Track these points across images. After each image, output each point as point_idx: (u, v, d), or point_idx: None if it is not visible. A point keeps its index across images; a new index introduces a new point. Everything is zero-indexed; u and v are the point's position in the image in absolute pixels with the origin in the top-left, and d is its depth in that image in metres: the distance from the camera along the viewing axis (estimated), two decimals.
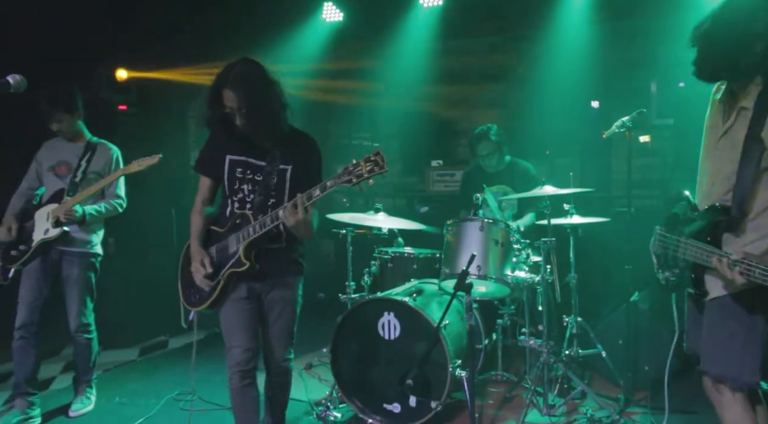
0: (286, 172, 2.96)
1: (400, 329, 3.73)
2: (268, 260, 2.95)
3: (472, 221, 3.97)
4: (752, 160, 2.29)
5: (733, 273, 2.14)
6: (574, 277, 4.23)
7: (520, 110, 6.76)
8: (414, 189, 7.21)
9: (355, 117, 7.63)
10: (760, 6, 2.29)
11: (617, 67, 6.34)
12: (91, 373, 4.23)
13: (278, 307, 3.05)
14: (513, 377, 4.37)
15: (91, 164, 4.10)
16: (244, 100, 2.79)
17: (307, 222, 2.72)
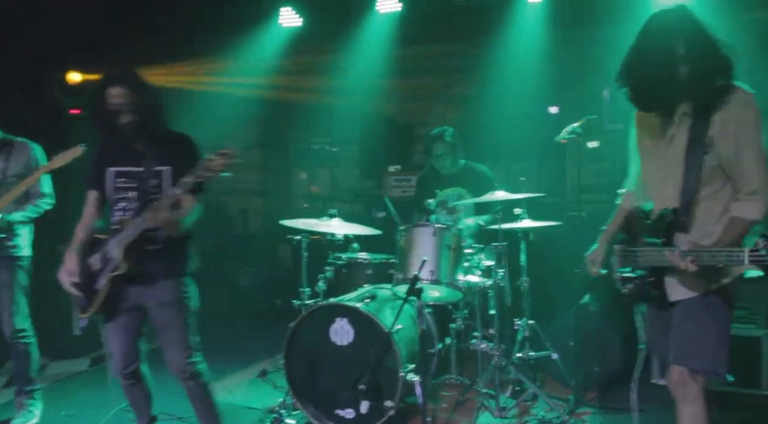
0: (162, 173, 3.03)
1: (353, 335, 3.73)
2: (147, 263, 3.03)
3: (425, 226, 4.00)
4: (696, 163, 2.40)
5: (686, 263, 2.26)
6: (525, 280, 4.29)
7: (477, 115, 6.83)
8: (372, 194, 7.22)
9: (314, 122, 7.62)
10: (675, 29, 2.36)
11: (571, 73, 6.46)
12: (32, 383, 4.06)
13: (163, 311, 3.09)
14: (466, 380, 4.40)
15: (9, 165, 3.93)
16: (133, 95, 2.93)
17: (171, 220, 2.90)
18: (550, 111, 6.79)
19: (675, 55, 2.33)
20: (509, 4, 6.10)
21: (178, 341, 3.13)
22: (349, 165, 7.72)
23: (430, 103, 7.24)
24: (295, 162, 8.19)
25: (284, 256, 7.48)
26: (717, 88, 2.36)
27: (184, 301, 3.15)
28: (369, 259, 4.51)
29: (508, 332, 4.34)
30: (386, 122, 7.21)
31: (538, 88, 6.35)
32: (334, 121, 7.56)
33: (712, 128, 2.36)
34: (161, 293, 3.07)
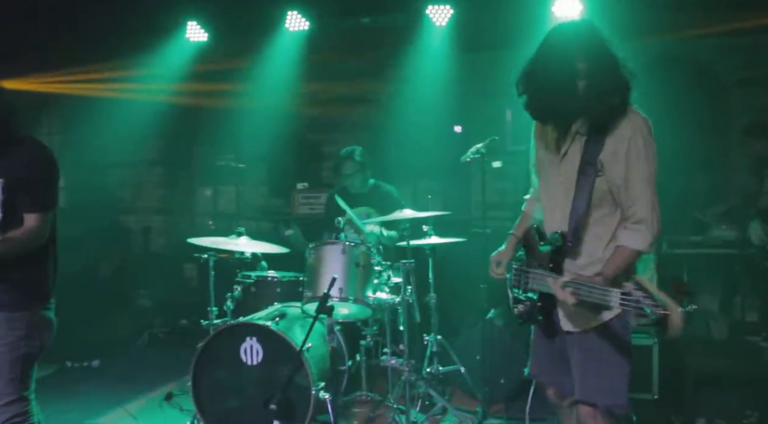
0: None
1: (263, 354, 3.69)
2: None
3: (334, 243, 4.02)
4: (586, 185, 2.34)
5: (565, 294, 2.24)
6: (433, 297, 4.38)
7: (384, 134, 6.92)
8: (280, 212, 7.17)
9: (221, 138, 7.50)
10: (577, 42, 2.29)
11: (475, 95, 6.69)
12: None
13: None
14: (377, 396, 4.43)
15: None
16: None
17: None
18: (455, 130, 6.99)
19: (574, 68, 2.25)
20: (416, 26, 6.24)
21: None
22: (256, 182, 7.65)
23: (337, 121, 7.28)
24: (201, 179, 8.03)
25: (190, 275, 7.29)
26: (612, 108, 2.29)
27: (14, 340, 2.63)
28: (278, 277, 4.48)
29: (417, 347, 4.41)
30: (294, 140, 7.20)
31: (444, 108, 6.54)
32: (241, 138, 7.46)
33: (603, 151, 2.31)
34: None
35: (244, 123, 7.22)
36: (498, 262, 2.75)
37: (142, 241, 7.46)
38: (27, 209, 2.61)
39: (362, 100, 7.19)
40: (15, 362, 2.62)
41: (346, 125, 7.24)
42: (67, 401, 4.61)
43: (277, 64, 6.66)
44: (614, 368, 2.41)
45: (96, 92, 6.97)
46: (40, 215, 2.63)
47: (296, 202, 6.78)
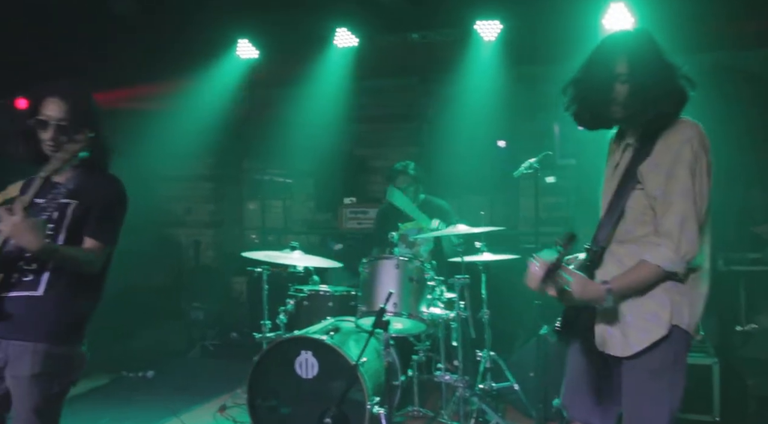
0: (68, 207, 2.47)
1: (318, 368, 3.71)
2: (4, 315, 2.36)
3: (388, 258, 4.03)
4: (623, 197, 2.27)
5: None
6: (486, 312, 4.35)
7: (431, 149, 6.96)
8: (327, 226, 7.22)
9: (270, 154, 7.60)
10: (623, 47, 2.23)
11: (522, 109, 6.66)
12: None
13: (14, 387, 2.37)
14: (429, 412, 4.41)
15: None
16: (72, 111, 2.48)
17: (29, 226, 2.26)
18: (499, 145, 6.97)
19: (614, 73, 2.19)
20: (464, 41, 6.25)
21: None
22: (304, 197, 7.71)
23: (385, 136, 7.33)
24: (249, 193, 8.14)
25: (239, 288, 7.38)
26: (660, 116, 2.20)
27: (49, 379, 2.37)
28: (330, 291, 4.50)
29: (470, 363, 4.38)
30: (341, 155, 7.25)
31: (491, 123, 6.52)
32: (289, 153, 7.56)
33: (646, 162, 2.21)
34: (14, 362, 2.35)
35: (292, 138, 7.30)
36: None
37: (192, 254, 7.58)
38: (88, 234, 2.49)
39: (409, 116, 7.22)
40: (49, 403, 2.40)
41: (393, 140, 7.28)
42: (123, 410, 4.71)
43: (325, 80, 6.73)
44: (658, 400, 2.21)
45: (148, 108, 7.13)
46: (100, 244, 2.50)
47: (344, 217, 6.81)
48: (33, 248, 2.28)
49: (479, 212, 6.76)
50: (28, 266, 2.40)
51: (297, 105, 7.00)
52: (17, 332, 2.35)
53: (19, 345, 2.34)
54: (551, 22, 5.85)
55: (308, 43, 6.59)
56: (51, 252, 2.35)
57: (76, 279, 2.45)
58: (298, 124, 7.11)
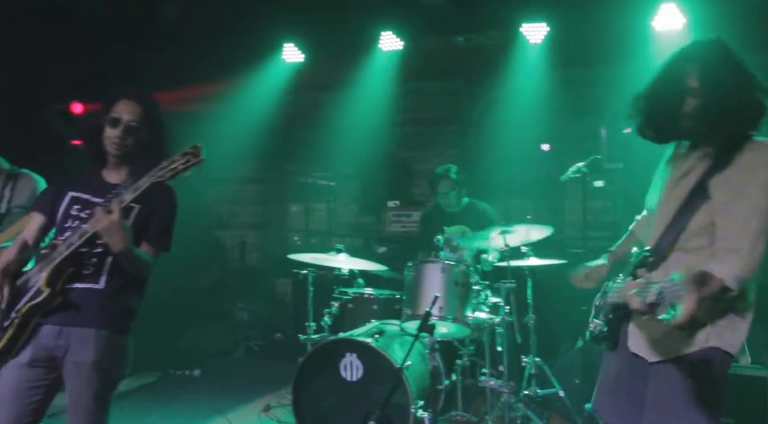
0: (132, 211, 2.54)
1: (363, 370, 3.72)
2: (69, 304, 2.44)
3: (434, 262, 4.02)
4: (691, 208, 2.20)
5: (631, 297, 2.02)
6: (532, 317, 4.31)
7: (475, 152, 6.91)
8: (371, 229, 7.24)
9: (313, 156, 7.66)
10: (696, 59, 2.16)
11: (568, 112, 6.58)
12: None
13: (73, 373, 2.43)
14: (473, 417, 4.38)
15: (14, 196, 3.96)
16: (144, 114, 2.58)
17: (122, 227, 2.34)
18: (543, 149, 6.89)
19: (686, 86, 2.12)
20: (510, 44, 6.21)
21: (78, 417, 2.43)
22: (347, 200, 7.74)
23: (428, 139, 7.32)
24: (293, 196, 8.21)
25: (284, 290, 7.46)
26: (733, 130, 2.13)
27: (108, 367, 2.47)
28: (375, 294, 4.51)
29: (515, 369, 4.34)
30: (385, 158, 7.26)
31: (536, 126, 6.45)
32: (333, 156, 7.61)
33: (717, 176, 2.13)
34: (77, 351, 2.43)
35: (336, 141, 7.36)
36: (588, 274, 2.61)
37: (238, 255, 7.69)
38: (148, 240, 2.58)
39: (453, 119, 7.20)
40: (106, 391, 2.49)
41: (437, 143, 7.27)
42: (170, 407, 4.80)
43: (370, 84, 6.76)
44: (695, 411, 2.11)
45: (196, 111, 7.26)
46: (157, 250, 2.60)
47: (387, 220, 6.82)
48: (119, 248, 2.38)
49: (523, 215, 6.69)
50: (88, 260, 2.49)
51: (341, 108, 7.04)
52: (81, 320, 2.44)
53: (83, 332, 2.43)
54: (599, 23, 5.77)
55: (353, 46, 6.64)
56: (129, 253, 2.43)
57: (129, 277, 2.54)
58: (342, 127, 7.14)
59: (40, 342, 2.43)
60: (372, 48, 6.55)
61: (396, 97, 6.83)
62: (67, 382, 2.45)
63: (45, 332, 2.44)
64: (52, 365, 2.45)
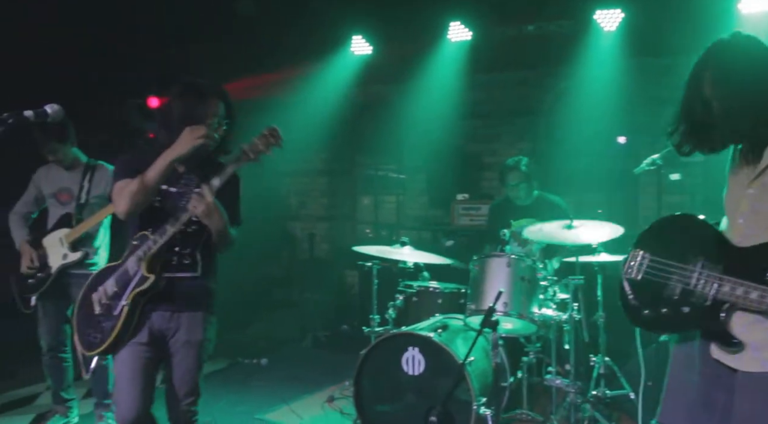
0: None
1: (425, 365, 3.68)
2: (176, 293, 2.72)
3: (499, 256, 3.94)
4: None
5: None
6: (601, 315, 4.16)
7: (545, 145, 6.76)
8: (440, 222, 7.19)
9: (382, 149, 7.66)
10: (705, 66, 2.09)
11: (645, 102, 6.32)
12: (109, 397, 4.19)
13: (183, 349, 2.73)
14: (538, 416, 4.27)
15: (92, 187, 4.14)
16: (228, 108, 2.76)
17: (218, 208, 2.60)
18: (619, 141, 6.66)
19: (704, 95, 2.07)
20: (583, 32, 6.02)
21: (185, 384, 2.74)
22: (416, 193, 7.70)
23: (498, 132, 7.19)
24: (362, 188, 8.25)
25: (351, 282, 7.51)
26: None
27: (206, 343, 2.80)
28: (440, 288, 4.47)
29: (583, 368, 4.21)
30: (454, 150, 7.17)
31: (610, 117, 6.23)
32: (402, 149, 7.60)
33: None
34: (186, 331, 2.74)
35: (405, 134, 7.34)
36: None
37: (307, 247, 7.78)
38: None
39: (523, 110, 7.04)
40: (202, 363, 2.81)
41: (506, 136, 7.14)
42: (239, 395, 4.91)
43: (438, 75, 6.71)
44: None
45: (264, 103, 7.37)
46: (233, 226, 2.80)
47: (456, 213, 6.75)
48: (218, 227, 2.66)
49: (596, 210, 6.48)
50: (184, 250, 2.74)
51: (410, 100, 7.01)
52: (188, 306, 2.75)
53: (191, 315, 2.76)
54: (678, 9, 5.51)
55: (422, 38, 6.59)
56: (226, 231, 2.71)
57: (213, 260, 2.84)
58: (411, 119, 7.12)
59: (154, 325, 2.71)
60: (440, 39, 6.48)
61: (465, 89, 6.74)
62: (176, 358, 2.74)
63: (157, 317, 2.72)
64: (164, 344, 2.74)
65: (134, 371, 2.67)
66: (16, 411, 4.71)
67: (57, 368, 4.19)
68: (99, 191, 4.16)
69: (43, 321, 4.10)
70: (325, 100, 7.07)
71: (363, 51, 6.83)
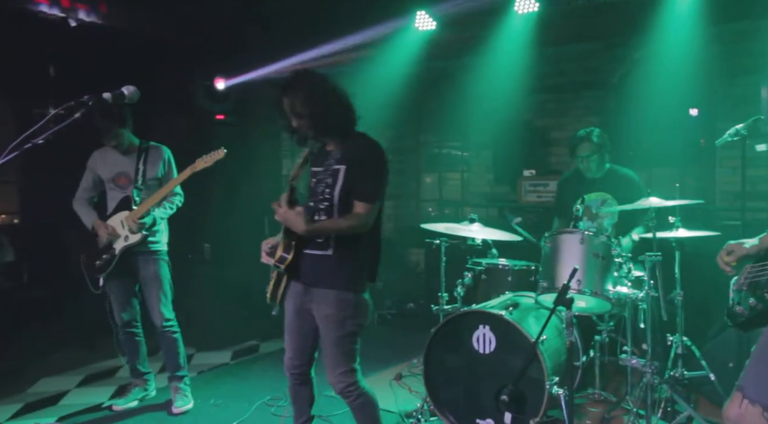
0: (339, 171, 2.89)
1: (496, 343, 3.63)
2: (313, 270, 2.95)
3: (572, 233, 3.83)
4: None
5: None
6: (679, 294, 4.01)
7: (616, 119, 6.54)
8: (506, 199, 7.07)
9: (446, 126, 7.57)
10: None
11: (722, 72, 6.03)
12: (183, 370, 4.39)
13: (322, 324, 2.97)
14: (611, 396, 4.19)
15: (147, 169, 4.25)
16: (301, 104, 2.83)
17: (292, 216, 2.80)
18: (691, 114, 6.39)
19: None
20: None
21: (330, 358, 2.97)
22: (482, 169, 7.58)
23: (566, 106, 6.99)
24: (427, 166, 8.18)
25: (416, 260, 7.48)
26: None
27: (345, 320, 2.91)
28: (509, 265, 4.39)
29: (660, 348, 4.07)
30: (520, 126, 7.01)
31: (685, 89, 5.95)
32: (467, 125, 7.48)
33: None
34: (321, 307, 2.94)
35: (470, 110, 7.22)
36: (731, 251, 2.40)
37: None
38: (357, 197, 2.86)
39: (592, 84, 6.80)
40: (343, 338, 2.93)
41: (575, 110, 6.92)
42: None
43: (504, 49, 6.53)
44: None
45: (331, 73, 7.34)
46: (369, 205, 2.86)
47: (523, 190, 6.63)
48: (299, 231, 2.81)
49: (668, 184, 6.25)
50: None
51: (475, 76, 6.88)
52: (319, 282, 2.92)
53: (321, 292, 2.92)
54: None
55: (487, 11, 6.42)
56: (315, 230, 2.84)
57: (355, 238, 2.91)
58: (476, 95, 7.00)
59: (296, 297, 3.00)
60: (507, 12, 6.31)
61: (532, 62, 6.55)
62: (320, 330, 2.98)
63: (296, 288, 3.01)
64: (312, 315, 2.98)
65: (291, 331, 3.08)
66: (98, 383, 4.92)
67: (131, 342, 4.38)
68: (154, 173, 4.27)
69: (113, 299, 4.28)
70: (389, 78, 7.00)
71: (427, 27, 6.72)
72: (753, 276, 2.28)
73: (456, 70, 7.18)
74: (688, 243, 4.20)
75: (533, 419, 3.45)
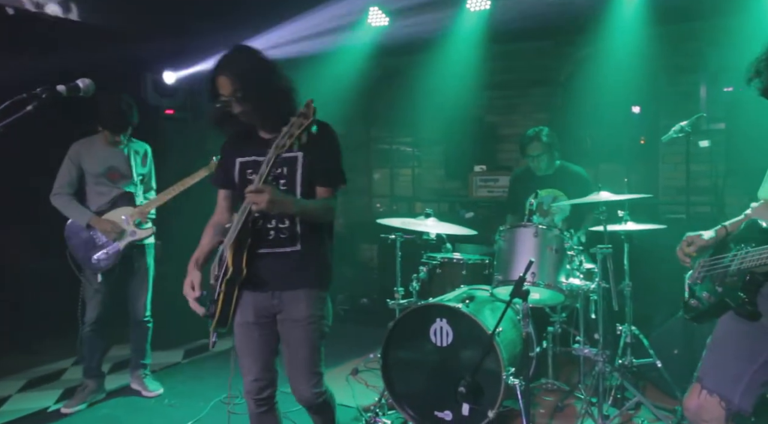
0: (296, 159, 2.62)
1: (453, 336, 3.68)
2: (276, 268, 2.64)
3: (527, 226, 3.91)
4: None
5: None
6: (628, 284, 4.13)
7: (564, 115, 6.69)
8: (457, 194, 7.15)
9: (397, 122, 7.60)
10: None
11: (665, 71, 6.25)
12: (149, 358, 4.50)
13: (291, 330, 2.68)
14: (564, 385, 4.30)
15: (139, 165, 4.30)
16: (239, 84, 2.55)
17: (280, 197, 2.43)
18: (633, 111, 6.59)
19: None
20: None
21: (301, 367, 2.71)
22: (432, 165, 7.65)
23: (515, 103, 7.11)
24: (377, 161, 8.20)
25: (368, 255, 7.49)
26: None
27: (318, 320, 2.69)
28: (464, 259, 4.45)
29: (610, 337, 4.20)
30: (471, 122, 7.11)
31: (629, 87, 6.14)
32: (418, 121, 7.52)
33: None
34: (289, 309, 2.66)
35: (421, 106, 7.25)
36: (691, 242, 2.45)
37: None
38: (322, 183, 2.66)
39: (541, 81, 6.95)
40: (319, 340, 2.73)
41: (524, 106, 7.06)
42: None
43: (456, 46, 6.60)
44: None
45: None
46: (330, 190, 2.68)
47: (474, 185, 6.71)
48: (291, 212, 2.54)
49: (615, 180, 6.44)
50: (282, 224, 2.62)
51: (426, 72, 6.92)
52: (289, 282, 2.65)
53: (292, 294, 2.65)
54: None
55: (439, 7, 6.46)
56: (303, 213, 2.58)
57: (318, 230, 2.69)
58: (427, 91, 7.03)
59: (259, 304, 2.67)
60: (459, 8, 6.37)
61: (482, 59, 6.65)
62: (284, 335, 2.70)
63: (260, 297, 2.67)
64: (274, 320, 2.70)
65: (250, 348, 2.72)
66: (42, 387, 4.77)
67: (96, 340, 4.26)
68: (143, 169, 4.36)
69: (100, 294, 4.19)
70: (340, 73, 6.96)
71: (379, 22, 6.72)
72: (706, 270, 2.38)
73: (408, 66, 7.22)
74: (636, 236, 4.34)
75: (490, 409, 3.51)
